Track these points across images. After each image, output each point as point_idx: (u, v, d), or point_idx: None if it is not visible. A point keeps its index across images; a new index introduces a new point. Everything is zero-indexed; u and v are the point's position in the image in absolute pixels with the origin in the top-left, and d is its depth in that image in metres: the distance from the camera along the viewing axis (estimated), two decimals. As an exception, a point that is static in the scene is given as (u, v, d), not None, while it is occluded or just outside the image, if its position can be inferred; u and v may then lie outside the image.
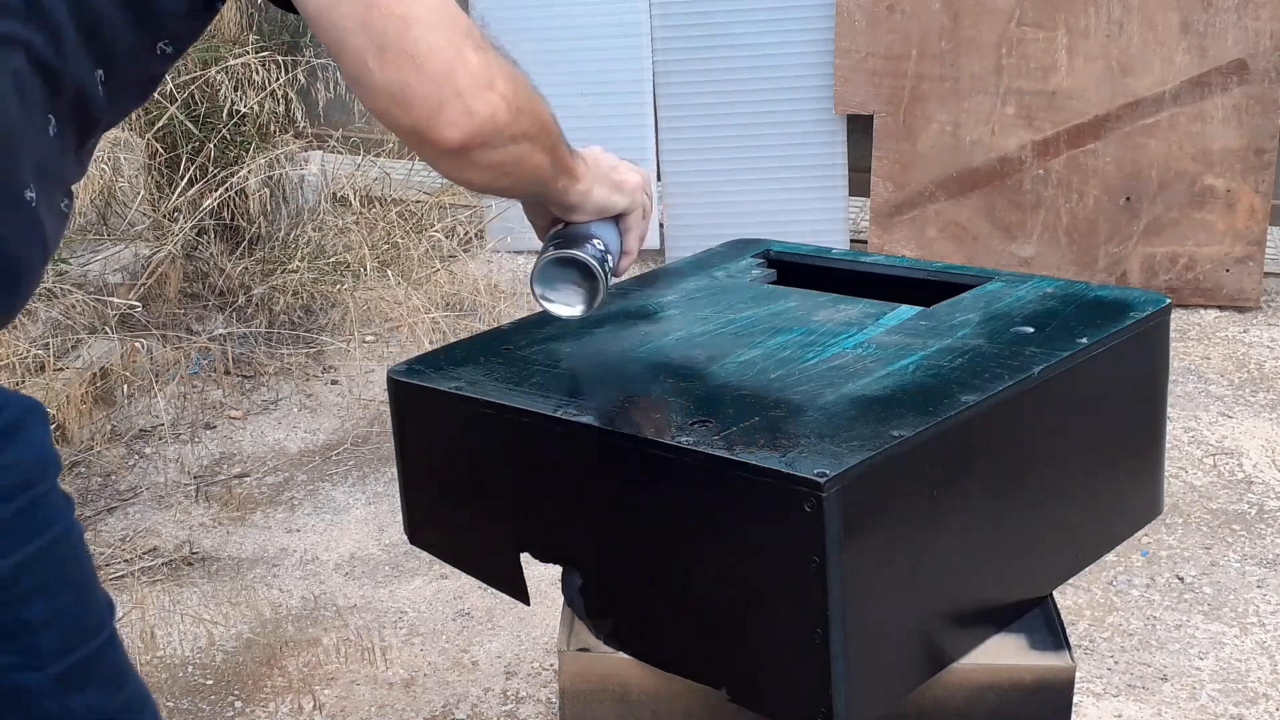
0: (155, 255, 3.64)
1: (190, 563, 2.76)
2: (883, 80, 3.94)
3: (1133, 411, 1.50)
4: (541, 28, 4.15)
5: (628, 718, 1.36)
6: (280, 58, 4.02)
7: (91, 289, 3.49)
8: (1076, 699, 1.72)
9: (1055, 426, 1.38)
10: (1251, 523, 2.78)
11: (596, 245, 1.34)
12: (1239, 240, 3.83)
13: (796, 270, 1.72)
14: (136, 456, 3.16)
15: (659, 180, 4.17)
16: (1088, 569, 1.58)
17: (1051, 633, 1.38)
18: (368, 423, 3.34)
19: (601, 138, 1.43)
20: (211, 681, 2.38)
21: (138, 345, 3.40)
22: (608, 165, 1.37)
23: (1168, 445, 1.85)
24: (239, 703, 2.32)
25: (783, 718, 1.23)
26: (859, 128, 4.08)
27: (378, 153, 4.33)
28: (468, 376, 1.40)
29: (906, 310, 1.50)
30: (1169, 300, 1.51)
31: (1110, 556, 2.29)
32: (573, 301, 1.37)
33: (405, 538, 1.56)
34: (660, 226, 4.18)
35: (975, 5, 3.83)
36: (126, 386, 3.32)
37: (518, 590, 1.42)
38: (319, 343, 3.64)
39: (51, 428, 1.07)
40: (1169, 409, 1.64)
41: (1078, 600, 2.50)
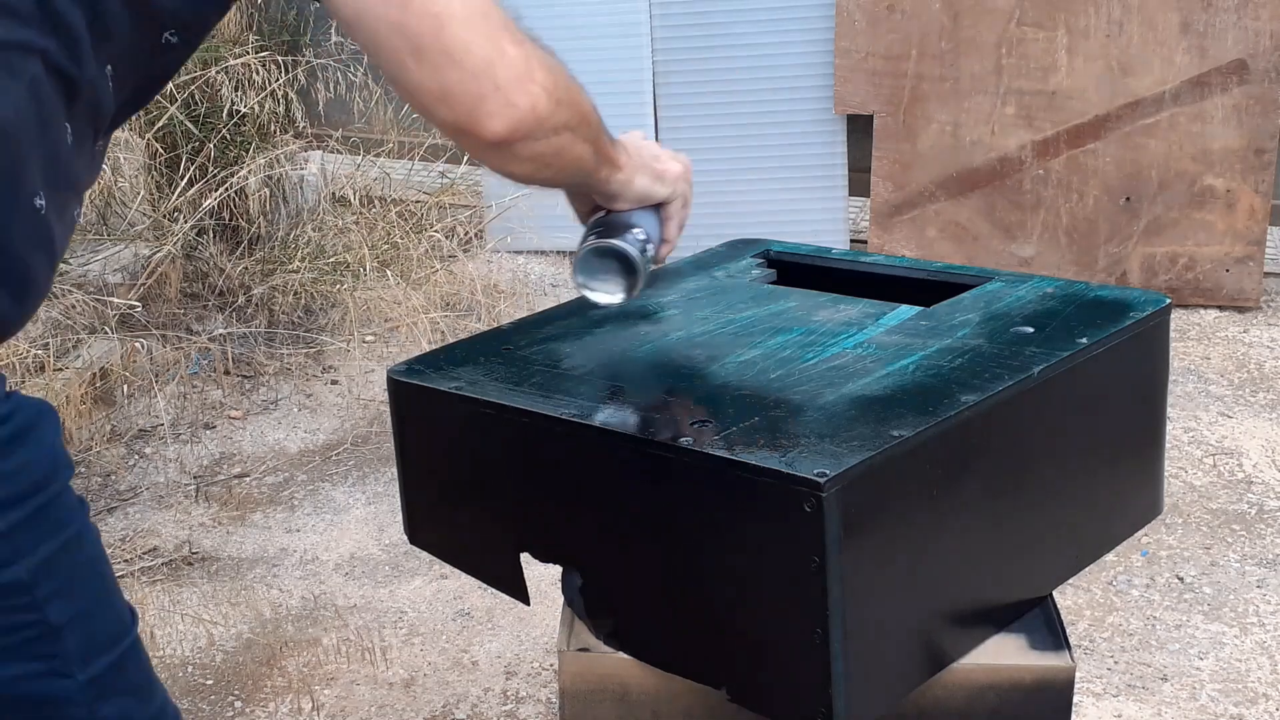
0: (155, 255, 3.64)
1: (190, 563, 2.76)
2: (883, 80, 3.94)
3: (1133, 411, 1.50)
4: (541, 28, 4.09)
5: (628, 718, 1.36)
6: (280, 58, 4.02)
7: (91, 289, 3.49)
8: (1076, 699, 1.72)
9: (1055, 426, 1.38)
10: (1251, 523, 2.78)
11: (637, 235, 1.35)
12: (1239, 240, 3.83)
13: (796, 270, 1.72)
14: (136, 456, 3.16)
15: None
16: (1088, 569, 1.58)
17: (1051, 633, 1.38)
18: (368, 423, 3.34)
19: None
20: (211, 681, 2.38)
21: (138, 345, 3.40)
22: (649, 154, 1.37)
23: (1168, 445, 1.86)
24: (239, 703, 2.32)
25: (783, 718, 1.23)
26: (859, 128, 4.08)
27: (378, 153, 4.32)
28: (468, 376, 1.40)
29: (906, 310, 1.50)
30: (1169, 300, 1.51)
31: (1110, 556, 2.29)
32: (613, 290, 1.37)
33: (405, 538, 1.56)
34: (660, 226, 4.17)
35: (975, 5, 3.83)
36: (126, 386, 3.32)
37: (518, 590, 1.42)
38: (319, 343, 3.64)
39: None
40: (1169, 409, 1.64)
41: (1078, 600, 2.50)
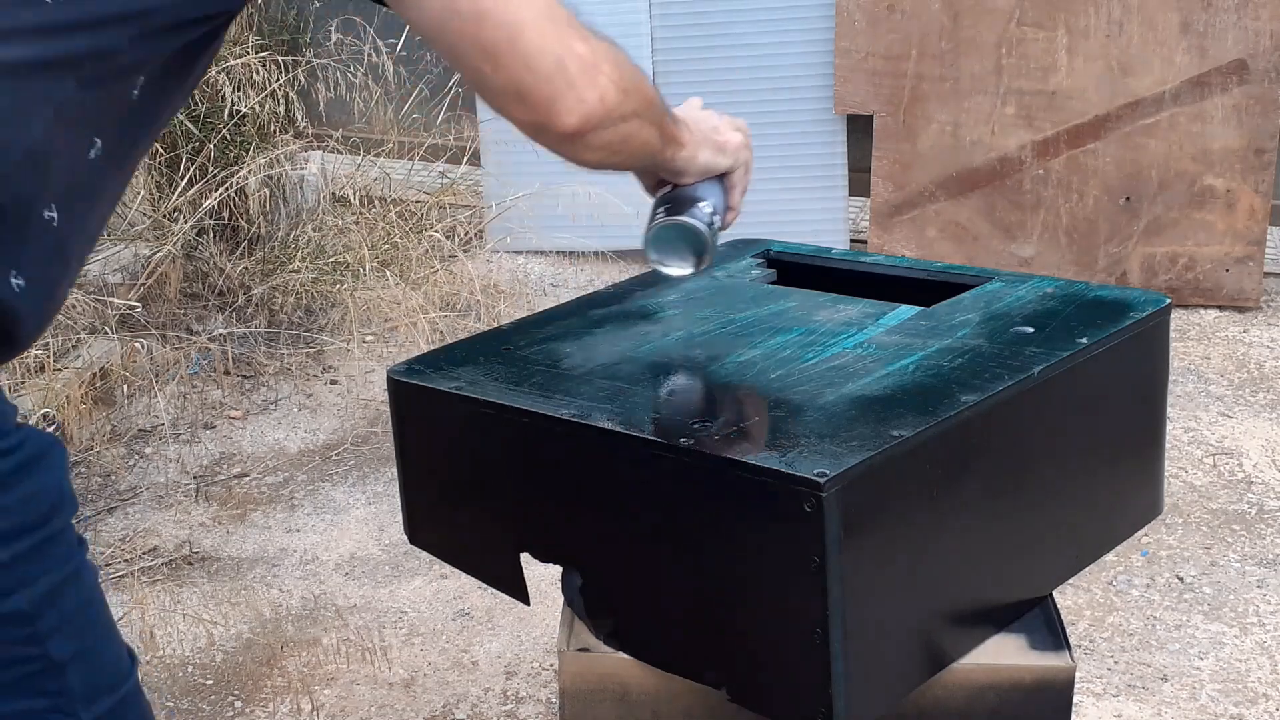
0: (155, 255, 3.64)
1: (190, 562, 2.76)
2: (883, 80, 3.94)
3: (1133, 411, 1.50)
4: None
5: (628, 718, 1.36)
6: (280, 58, 4.02)
7: (91, 289, 3.49)
8: (1076, 699, 1.72)
9: (1055, 426, 1.38)
10: (1251, 523, 2.78)
11: (703, 208, 1.39)
12: (1239, 240, 3.83)
13: (796, 270, 1.72)
14: (136, 456, 3.16)
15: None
16: (1088, 569, 1.58)
17: (1051, 633, 1.38)
18: (368, 423, 3.34)
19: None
20: (211, 681, 2.38)
21: (138, 345, 3.40)
22: (709, 127, 1.41)
23: (1168, 445, 1.86)
24: (239, 703, 2.32)
25: (783, 718, 1.23)
26: (859, 128, 4.08)
27: (378, 153, 4.32)
28: (468, 376, 1.40)
29: (906, 310, 1.50)
30: (1169, 300, 1.51)
31: (1110, 556, 2.29)
32: (684, 264, 1.41)
33: (405, 538, 1.56)
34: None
35: (975, 5, 3.83)
36: (126, 386, 3.32)
37: (518, 590, 1.42)
38: (319, 343, 3.64)
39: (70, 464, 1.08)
40: (1169, 409, 1.64)
41: (1078, 600, 2.50)
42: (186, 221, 3.73)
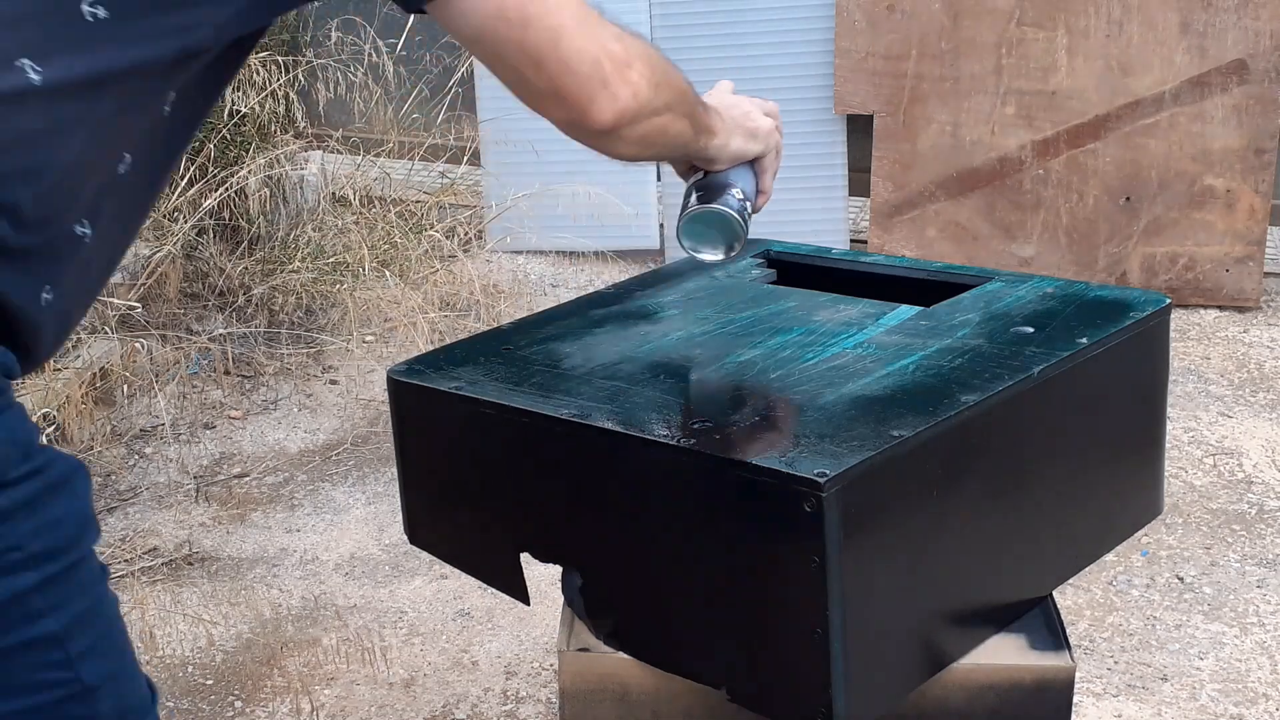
0: (155, 255, 3.64)
1: (190, 562, 2.76)
2: (883, 80, 3.94)
3: (1133, 411, 1.50)
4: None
5: (628, 718, 1.36)
6: (280, 58, 4.02)
7: (91, 289, 3.49)
8: (1076, 699, 1.71)
9: (1055, 426, 1.38)
10: (1251, 523, 2.78)
11: (735, 194, 1.41)
12: (1239, 240, 3.83)
13: (796, 270, 1.72)
14: (136, 456, 3.16)
15: (659, 180, 4.17)
16: (1088, 569, 1.58)
17: (1051, 633, 1.38)
18: (368, 423, 3.34)
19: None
20: (211, 681, 2.38)
21: (138, 345, 3.40)
22: (740, 113, 1.44)
23: (1168, 445, 1.86)
24: (239, 703, 2.32)
25: (783, 718, 1.23)
26: (859, 128, 4.08)
27: (378, 153, 4.32)
28: (468, 376, 1.40)
29: (906, 310, 1.50)
30: (1169, 300, 1.51)
31: (1110, 556, 2.29)
32: (717, 250, 1.43)
33: (405, 538, 1.56)
34: (660, 227, 4.17)
35: (975, 5, 3.83)
36: (126, 386, 3.32)
37: (518, 590, 1.42)
38: (319, 343, 3.64)
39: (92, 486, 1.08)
40: (1169, 409, 1.65)
41: (1078, 600, 2.50)
42: (186, 221, 3.73)
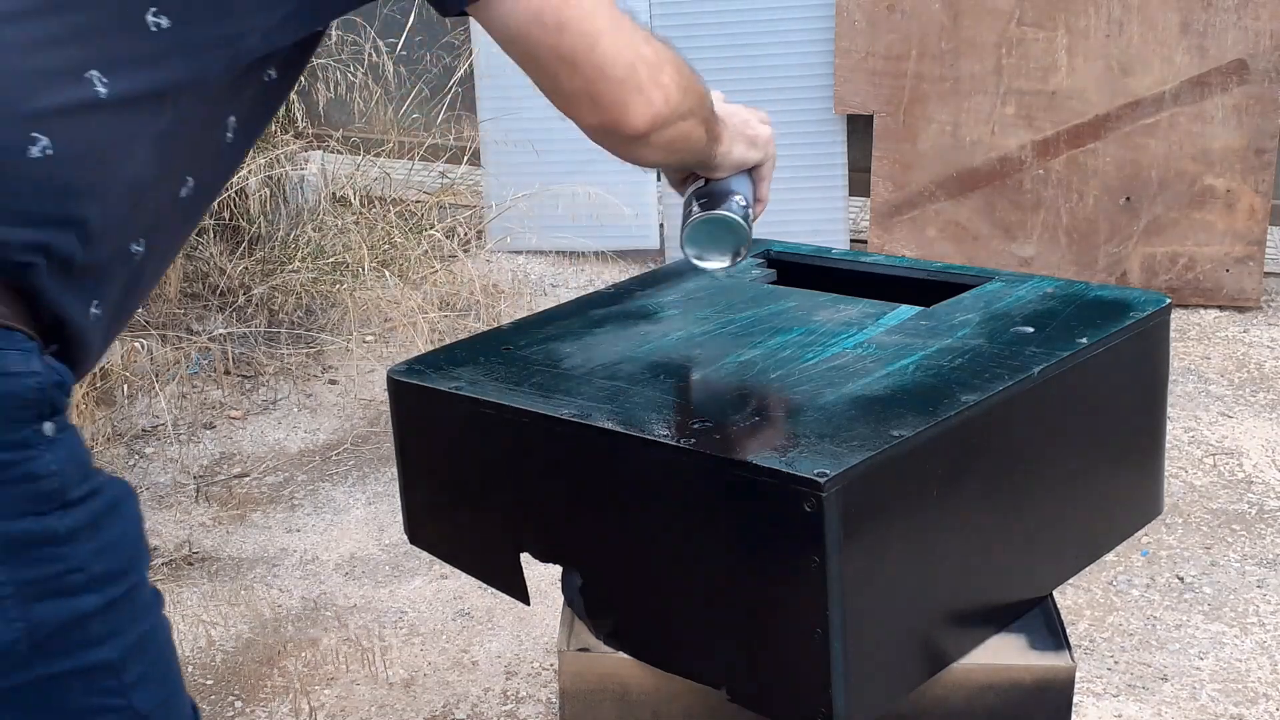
0: (155, 255, 3.63)
1: (190, 563, 2.76)
2: (883, 80, 3.94)
3: (1133, 411, 1.50)
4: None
5: (628, 718, 1.36)
6: (280, 58, 4.02)
7: (91, 289, 3.49)
8: (1076, 699, 1.71)
9: (1055, 426, 1.38)
10: (1251, 523, 2.78)
11: (738, 201, 1.40)
12: (1239, 240, 3.83)
13: (796, 270, 1.72)
14: (137, 456, 3.16)
15: (658, 180, 4.17)
16: (1088, 569, 1.58)
17: (1051, 633, 1.38)
18: (368, 423, 3.34)
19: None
20: (211, 682, 2.38)
21: (138, 345, 3.40)
22: (740, 120, 1.43)
23: (1168, 445, 1.86)
24: (239, 703, 2.32)
25: (783, 718, 1.23)
26: (859, 128, 4.08)
27: (378, 153, 4.32)
28: (468, 376, 1.40)
29: (906, 310, 1.50)
30: (1169, 300, 1.51)
31: (1110, 556, 2.29)
32: (722, 257, 1.43)
33: (405, 538, 1.56)
34: (660, 227, 4.17)
35: (975, 5, 3.83)
36: (127, 386, 3.32)
37: (518, 590, 1.42)
38: (319, 343, 3.64)
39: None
40: (1169, 409, 1.65)
41: (1078, 600, 2.50)
42: (186, 221, 3.72)
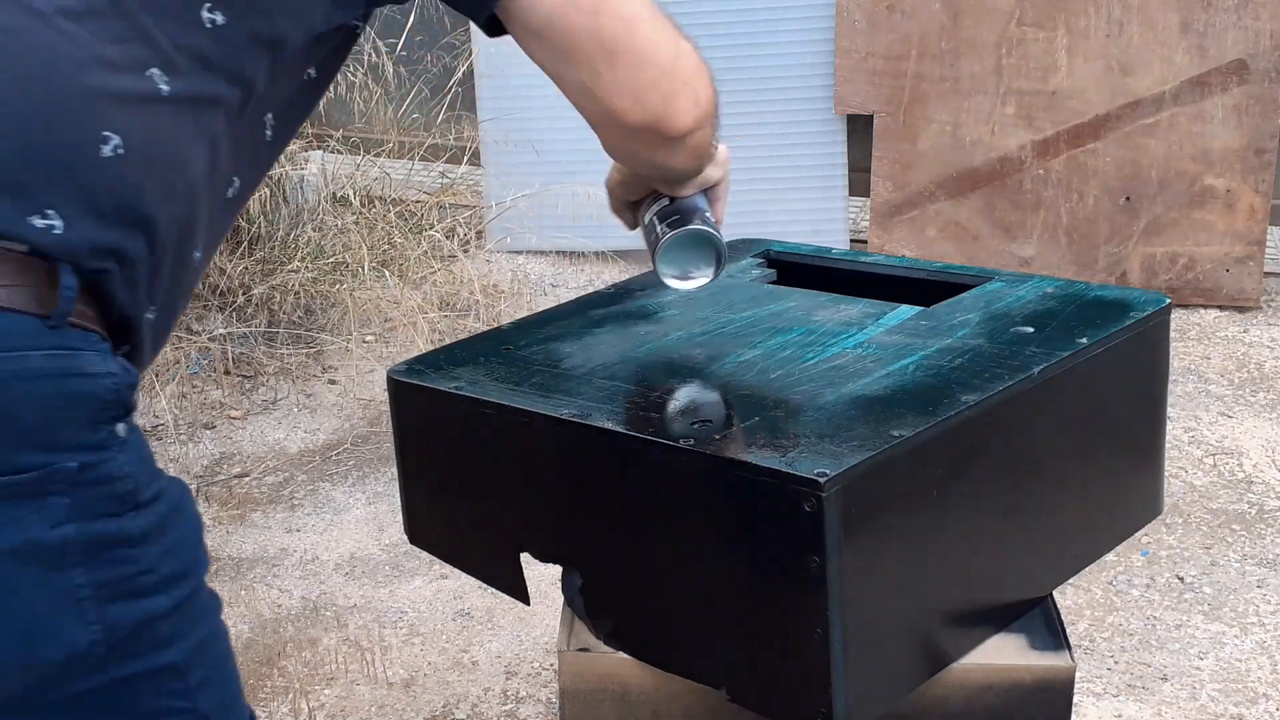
0: (155, 255, 3.63)
1: (190, 563, 2.75)
2: (883, 80, 3.94)
3: (1133, 411, 1.50)
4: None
5: (628, 718, 1.36)
6: (280, 58, 4.02)
7: (91, 289, 3.49)
8: (1076, 699, 1.71)
9: (1055, 426, 1.38)
10: (1251, 523, 2.78)
11: (709, 216, 1.36)
12: (1239, 240, 3.83)
13: (796, 270, 1.72)
14: (136, 456, 3.16)
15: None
16: (1088, 569, 1.58)
17: (1051, 633, 1.38)
18: (368, 423, 3.34)
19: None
20: (211, 681, 2.38)
21: (138, 345, 3.39)
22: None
23: (1168, 445, 1.86)
24: (239, 703, 2.32)
25: (783, 718, 1.23)
26: (859, 128, 4.08)
27: (378, 153, 4.32)
28: (468, 376, 1.40)
29: (906, 310, 1.50)
30: (1169, 300, 1.51)
31: (1110, 556, 2.29)
32: (700, 274, 1.39)
33: (405, 538, 1.56)
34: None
35: (975, 5, 3.83)
36: (126, 386, 3.32)
37: (518, 590, 1.42)
38: (319, 342, 3.64)
39: None
40: (1169, 409, 1.65)
41: (1078, 600, 2.50)
42: (186, 221, 3.72)
